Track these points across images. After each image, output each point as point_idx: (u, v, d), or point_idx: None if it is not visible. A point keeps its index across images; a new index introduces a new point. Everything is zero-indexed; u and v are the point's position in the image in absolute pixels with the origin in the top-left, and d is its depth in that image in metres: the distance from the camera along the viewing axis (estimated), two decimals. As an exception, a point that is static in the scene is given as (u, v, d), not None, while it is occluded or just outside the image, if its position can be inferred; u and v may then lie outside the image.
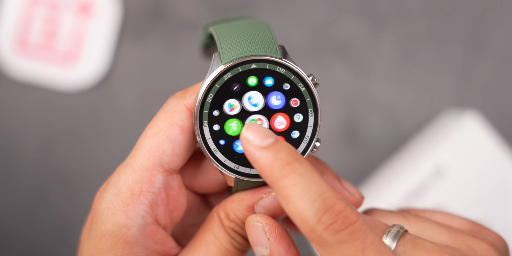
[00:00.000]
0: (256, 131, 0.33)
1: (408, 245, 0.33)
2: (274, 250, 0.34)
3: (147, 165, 0.35)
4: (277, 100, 0.35)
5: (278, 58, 0.35)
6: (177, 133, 0.35)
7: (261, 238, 0.35)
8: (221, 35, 0.35)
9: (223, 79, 0.35)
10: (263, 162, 0.32)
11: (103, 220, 0.35)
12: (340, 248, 0.30)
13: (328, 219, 0.30)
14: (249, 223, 0.35)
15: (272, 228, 0.35)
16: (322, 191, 0.31)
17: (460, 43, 0.70)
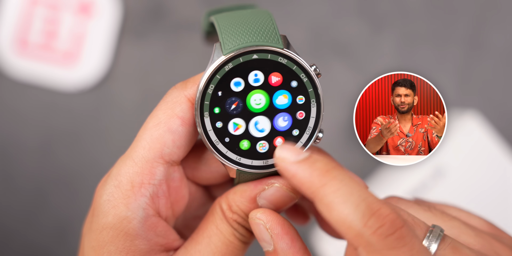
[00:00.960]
0: (289, 149, 0.33)
1: (448, 250, 0.33)
2: (277, 246, 0.34)
3: (148, 157, 0.35)
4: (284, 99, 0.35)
5: (280, 48, 0.34)
6: (178, 124, 0.35)
7: (264, 235, 0.34)
8: (222, 25, 0.35)
9: (224, 69, 0.34)
10: (301, 174, 0.31)
11: (104, 213, 0.35)
12: (388, 254, 0.30)
13: (375, 223, 0.30)
14: (251, 220, 0.35)
15: (274, 224, 0.34)
16: (365, 195, 0.31)
17: (460, 43, 0.70)
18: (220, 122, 0.35)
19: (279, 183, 0.35)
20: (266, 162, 0.35)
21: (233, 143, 0.35)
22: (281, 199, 0.35)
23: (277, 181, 0.35)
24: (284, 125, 0.35)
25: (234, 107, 0.35)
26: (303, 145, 0.35)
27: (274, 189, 0.35)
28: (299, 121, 0.35)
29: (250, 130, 0.35)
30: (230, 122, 0.35)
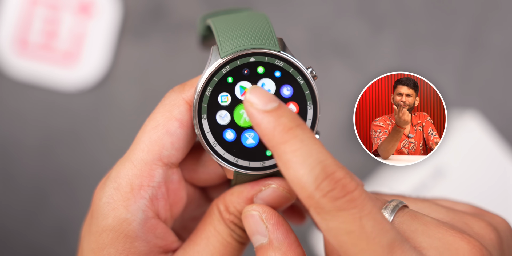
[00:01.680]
0: (260, 94, 0.32)
1: (407, 217, 0.33)
2: (273, 236, 0.34)
3: (147, 159, 0.35)
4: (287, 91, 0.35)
5: (277, 51, 0.35)
6: (176, 127, 0.35)
7: (259, 226, 0.35)
8: (219, 28, 0.35)
9: (222, 72, 0.35)
10: (265, 126, 0.31)
11: (103, 215, 0.35)
12: (338, 215, 0.30)
13: (327, 186, 0.30)
14: (246, 213, 0.35)
15: (269, 215, 0.35)
16: (323, 158, 0.31)
17: (460, 43, 0.70)
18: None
19: (275, 184, 0.35)
20: (263, 163, 0.35)
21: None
22: (278, 200, 0.35)
23: (274, 182, 0.36)
24: None
25: None
26: None
27: (271, 190, 0.35)
28: None
29: None
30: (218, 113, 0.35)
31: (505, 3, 0.70)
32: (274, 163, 0.35)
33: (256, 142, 0.35)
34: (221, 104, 0.35)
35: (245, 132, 0.35)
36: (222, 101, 0.35)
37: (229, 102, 0.35)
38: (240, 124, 0.35)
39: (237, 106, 0.35)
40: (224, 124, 0.35)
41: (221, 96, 0.35)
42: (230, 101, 0.35)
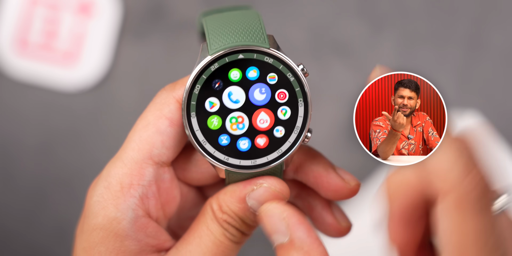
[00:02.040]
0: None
1: None
2: (294, 235, 0.34)
3: (137, 158, 0.35)
4: (261, 94, 0.35)
5: (266, 48, 0.34)
6: (166, 125, 0.35)
7: (280, 225, 0.34)
8: (210, 25, 0.35)
9: (210, 70, 0.34)
10: None
11: (94, 214, 0.35)
12: (477, 214, 0.30)
13: (474, 178, 0.30)
14: (265, 212, 0.35)
15: (290, 213, 0.34)
16: None
17: (460, 43, 0.70)
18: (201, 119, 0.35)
19: (267, 183, 0.35)
20: (254, 162, 0.35)
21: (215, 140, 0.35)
22: (270, 199, 0.35)
23: (266, 182, 0.35)
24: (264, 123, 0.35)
25: None
26: (291, 145, 0.35)
27: (263, 190, 0.35)
28: (285, 121, 0.35)
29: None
30: (209, 118, 0.35)
31: (505, 3, 0.70)
32: (265, 161, 0.35)
33: (249, 146, 0.35)
34: (208, 110, 0.35)
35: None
36: (210, 107, 0.35)
37: (217, 108, 0.35)
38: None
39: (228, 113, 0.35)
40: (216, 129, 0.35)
41: (209, 102, 0.35)
42: (219, 108, 0.35)
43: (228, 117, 0.35)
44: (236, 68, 0.34)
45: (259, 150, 0.35)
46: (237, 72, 0.34)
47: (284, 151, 0.35)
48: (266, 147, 0.35)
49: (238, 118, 0.35)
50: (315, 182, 0.37)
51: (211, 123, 0.35)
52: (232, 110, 0.35)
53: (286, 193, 0.35)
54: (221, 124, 0.35)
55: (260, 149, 0.35)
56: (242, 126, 0.35)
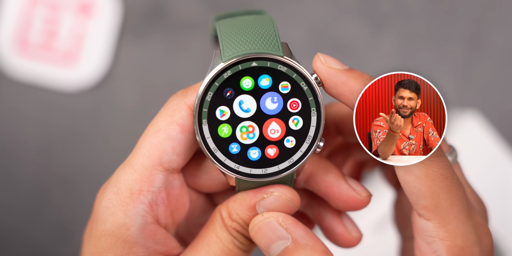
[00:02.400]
0: (332, 58, 0.36)
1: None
2: (296, 235, 0.34)
3: (147, 164, 0.35)
4: (273, 103, 0.34)
5: (280, 56, 0.34)
6: (177, 131, 0.35)
7: (278, 231, 0.34)
8: (223, 31, 0.35)
9: (223, 77, 0.34)
10: (354, 82, 0.35)
11: (102, 220, 0.35)
12: (438, 160, 0.34)
13: None
14: (260, 224, 0.35)
15: (284, 216, 0.34)
16: None
17: (460, 43, 0.70)
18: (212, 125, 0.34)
19: (278, 192, 0.35)
20: (265, 170, 0.35)
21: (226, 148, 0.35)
22: (280, 208, 0.35)
23: (276, 190, 0.35)
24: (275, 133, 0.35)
25: None
26: (303, 154, 0.35)
27: (273, 198, 0.35)
28: (296, 131, 0.35)
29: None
30: (220, 127, 0.34)
31: (505, 3, 0.70)
32: (276, 170, 0.35)
33: (259, 156, 0.35)
34: (219, 119, 0.34)
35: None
36: (221, 115, 0.34)
37: (228, 116, 0.34)
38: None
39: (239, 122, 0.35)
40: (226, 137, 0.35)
41: (220, 110, 0.34)
42: (229, 116, 0.34)
43: (239, 126, 0.34)
44: (248, 76, 0.34)
45: (269, 159, 0.35)
46: (249, 80, 0.34)
47: (296, 160, 0.35)
48: (276, 157, 0.35)
49: (248, 127, 0.34)
50: (326, 192, 0.37)
51: (221, 131, 0.34)
52: (242, 119, 0.34)
53: (296, 202, 0.35)
54: (231, 133, 0.34)
55: (271, 159, 0.35)
56: (252, 135, 0.35)
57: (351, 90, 0.34)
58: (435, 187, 0.33)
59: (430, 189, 0.33)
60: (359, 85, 0.34)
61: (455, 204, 0.34)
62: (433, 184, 0.33)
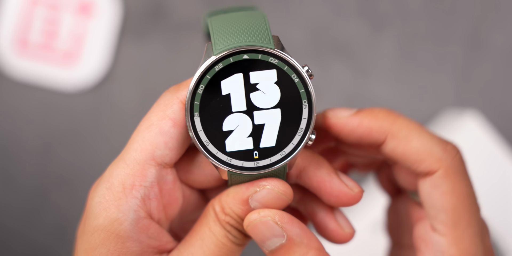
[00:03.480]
0: (338, 110, 0.37)
1: None
2: (291, 233, 0.34)
3: (139, 158, 0.35)
4: (264, 95, 0.34)
5: (271, 49, 0.34)
6: (169, 126, 0.35)
7: (274, 230, 0.34)
8: (215, 25, 0.35)
9: (214, 70, 0.34)
10: (368, 120, 0.36)
11: (95, 215, 0.35)
12: (464, 177, 0.35)
13: (453, 150, 0.35)
14: (256, 221, 0.35)
15: (280, 214, 0.34)
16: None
17: (460, 43, 0.70)
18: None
19: (270, 185, 0.35)
20: (257, 163, 0.35)
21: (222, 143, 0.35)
22: (273, 201, 0.35)
23: (269, 183, 0.35)
24: None
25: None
26: (295, 147, 0.35)
27: (266, 191, 0.35)
28: (288, 123, 0.35)
29: None
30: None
31: (505, 3, 0.70)
32: (268, 163, 0.35)
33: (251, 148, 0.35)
34: (212, 111, 0.34)
35: None
36: (214, 108, 0.34)
37: (221, 109, 0.34)
38: None
39: None
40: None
41: (213, 103, 0.34)
42: (222, 109, 0.34)
43: (231, 119, 0.35)
44: (240, 69, 0.34)
45: None
46: (241, 74, 0.34)
47: (288, 153, 0.35)
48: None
49: (241, 120, 0.35)
50: (318, 187, 0.37)
51: (214, 124, 0.34)
52: (235, 112, 0.34)
53: (289, 195, 0.35)
54: (224, 126, 0.35)
55: None
56: (245, 128, 0.35)
57: (368, 128, 0.35)
58: (458, 204, 0.34)
59: (452, 206, 0.34)
60: (374, 122, 0.35)
61: (472, 225, 0.35)
62: (457, 201, 0.34)
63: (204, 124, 0.34)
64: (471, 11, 0.70)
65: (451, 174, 0.34)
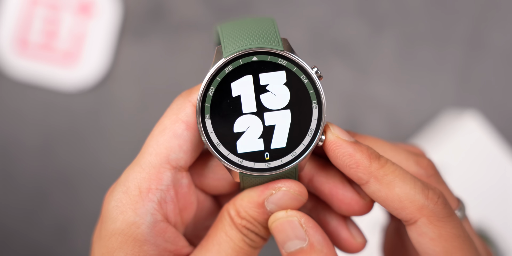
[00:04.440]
0: (340, 129, 0.35)
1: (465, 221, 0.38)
2: (314, 239, 0.34)
3: (155, 162, 0.35)
4: (274, 97, 0.35)
5: (280, 50, 0.34)
6: (182, 129, 0.35)
7: (298, 231, 0.34)
8: (225, 30, 0.35)
9: (224, 72, 0.34)
10: (359, 156, 0.34)
11: (112, 219, 0.35)
12: (449, 221, 0.34)
13: (434, 195, 0.34)
14: (282, 220, 0.35)
15: (307, 218, 0.35)
16: (412, 175, 0.35)
17: (460, 43, 0.70)
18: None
19: (286, 187, 0.35)
20: (269, 164, 0.35)
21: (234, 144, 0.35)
22: (290, 202, 0.35)
23: (284, 185, 0.35)
24: None
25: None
26: (305, 147, 0.35)
27: (282, 193, 0.35)
28: (298, 124, 0.35)
29: None
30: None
31: (505, 3, 0.70)
32: (279, 164, 0.35)
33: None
34: (223, 113, 0.35)
35: None
36: (225, 109, 0.35)
37: (231, 110, 0.35)
38: None
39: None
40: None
41: (224, 105, 0.35)
42: (233, 110, 0.35)
43: (242, 120, 0.35)
44: (250, 71, 0.35)
45: None
46: (250, 75, 0.35)
47: (299, 153, 0.35)
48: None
49: (251, 121, 0.35)
50: (329, 193, 0.37)
51: (225, 126, 0.35)
52: (245, 113, 0.35)
53: (305, 195, 0.35)
54: (235, 127, 0.35)
55: None
56: (255, 129, 0.35)
57: (356, 163, 0.35)
58: (449, 246, 0.34)
59: (444, 249, 0.34)
60: (365, 159, 0.35)
61: None
62: (447, 244, 0.34)
63: (215, 125, 0.35)
64: (471, 11, 0.70)
65: (434, 221, 0.34)
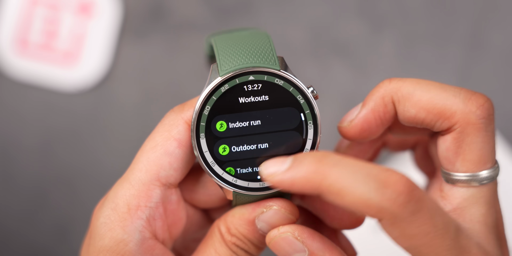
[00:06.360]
0: (273, 162, 0.32)
1: None
2: (313, 247, 0.34)
3: (145, 179, 0.35)
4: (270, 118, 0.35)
5: (276, 70, 0.34)
6: (174, 146, 0.35)
7: (295, 245, 0.34)
8: (220, 46, 0.35)
9: (220, 91, 0.34)
10: (299, 179, 0.31)
11: (100, 236, 0.35)
12: (413, 220, 0.30)
13: (392, 194, 0.30)
14: (276, 238, 0.35)
15: (300, 229, 0.35)
16: (367, 169, 0.30)
17: (460, 43, 0.70)
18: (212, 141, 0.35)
19: (277, 206, 0.35)
20: (263, 184, 0.35)
21: None
22: (280, 222, 0.35)
23: (275, 204, 0.35)
24: None
25: None
26: None
27: (273, 212, 0.35)
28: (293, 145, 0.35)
29: None
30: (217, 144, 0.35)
31: (505, 3, 0.70)
32: None
33: (256, 170, 0.35)
34: (218, 132, 0.34)
35: None
36: (219, 129, 0.35)
37: (225, 130, 0.34)
38: None
39: None
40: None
41: (218, 124, 0.34)
42: (226, 130, 0.34)
43: (236, 140, 0.35)
44: (245, 94, 0.34)
45: None
46: (245, 98, 0.34)
47: None
48: None
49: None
50: (321, 209, 0.37)
51: (219, 145, 0.35)
52: (239, 135, 0.35)
53: (296, 214, 0.35)
54: (229, 147, 0.35)
55: None
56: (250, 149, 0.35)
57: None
58: (418, 245, 0.31)
59: (415, 248, 0.31)
60: None
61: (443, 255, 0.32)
62: (415, 243, 0.31)
63: (210, 145, 0.34)
64: (471, 11, 0.70)
65: (396, 223, 0.31)
